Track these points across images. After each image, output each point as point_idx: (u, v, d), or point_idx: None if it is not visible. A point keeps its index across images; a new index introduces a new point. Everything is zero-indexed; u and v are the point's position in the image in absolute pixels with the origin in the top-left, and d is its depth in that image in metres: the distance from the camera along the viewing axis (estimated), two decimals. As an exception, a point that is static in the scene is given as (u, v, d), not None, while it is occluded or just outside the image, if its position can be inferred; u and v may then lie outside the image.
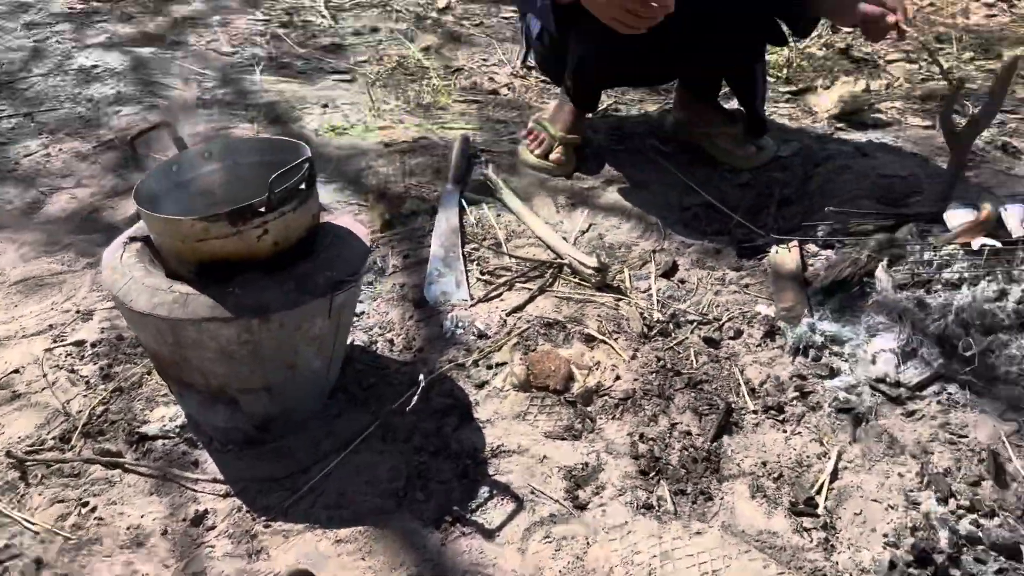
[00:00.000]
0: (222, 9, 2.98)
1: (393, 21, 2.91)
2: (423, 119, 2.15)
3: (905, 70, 2.41)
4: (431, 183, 1.86)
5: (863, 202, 1.66)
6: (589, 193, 1.86)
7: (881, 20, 1.55)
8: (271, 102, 2.23)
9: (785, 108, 2.21)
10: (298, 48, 2.64)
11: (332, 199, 1.78)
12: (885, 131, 2.04)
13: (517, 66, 2.53)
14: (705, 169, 1.95)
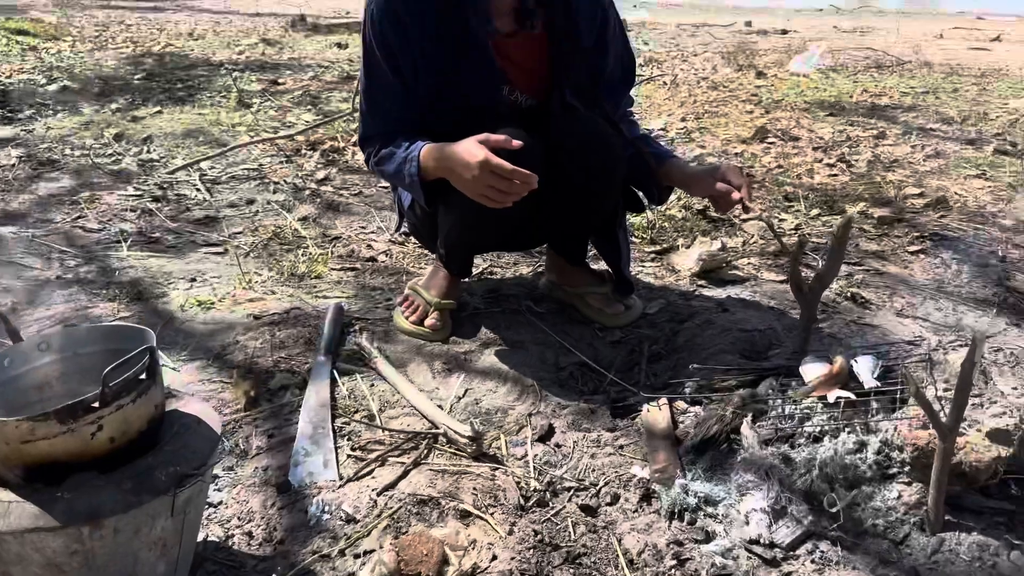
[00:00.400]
0: (91, 185, 2.94)
1: (271, 192, 2.93)
2: (296, 289, 2.13)
3: (759, 228, 2.57)
4: (302, 355, 1.81)
5: (726, 357, 1.71)
6: (465, 357, 1.85)
7: (727, 196, 1.67)
8: (136, 279, 2.17)
9: (650, 267, 2.30)
10: (169, 222, 2.61)
11: (195, 378, 1.70)
12: (743, 287, 2.14)
13: (394, 233, 2.56)
14: (578, 328, 1.98)
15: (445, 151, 1.60)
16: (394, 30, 1.67)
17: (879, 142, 3.65)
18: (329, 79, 5.30)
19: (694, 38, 8.76)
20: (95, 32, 7.96)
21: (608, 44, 1.82)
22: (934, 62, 6.34)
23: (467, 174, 1.54)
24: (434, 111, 1.75)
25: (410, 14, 1.67)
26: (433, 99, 1.74)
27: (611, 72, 1.86)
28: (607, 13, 1.80)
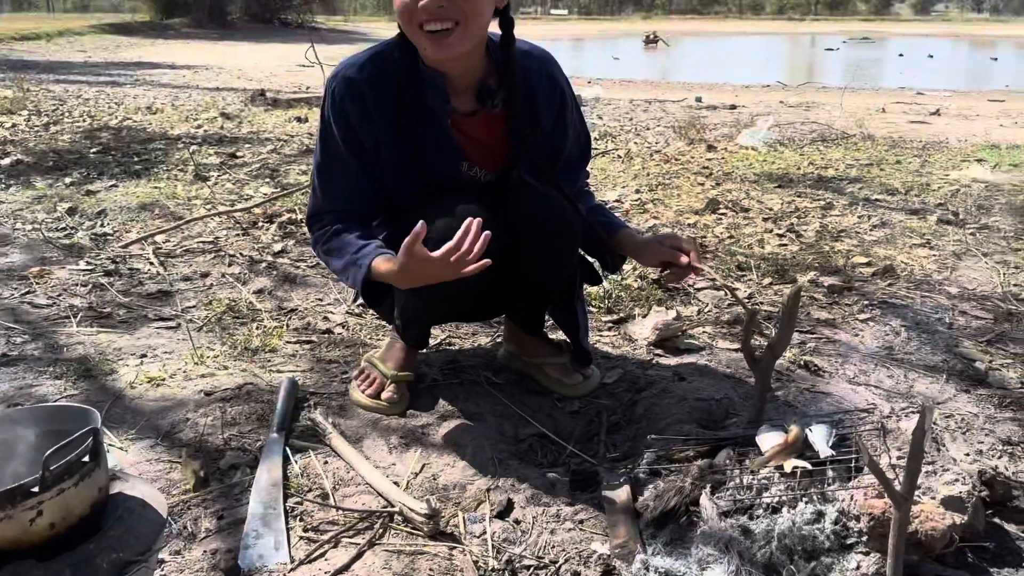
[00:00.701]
0: (42, 260, 2.89)
1: (226, 265, 2.91)
2: (250, 364, 2.10)
3: (713, 297, 2.61)
4: (254, 432, 1.77)
5: (684, 426, 1.71)
6: (423, 431, 1.82)
7: (676, 260, 1.71)
8: (84, 355, 2.12)
9: (608, 336, 2.32)
10: (121, 297, 2.56)
11: (142, 458, 1.65)
12: (699, 355, 2.16)
13: (351, 305, 2.55)
14: (537, 399, 1.98)
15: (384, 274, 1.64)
16: (356, 105, 1.70)
17: (827, 213, 3.75)
18: (288, 152, 5.32)
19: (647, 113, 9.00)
20: (52, 106, 7.94)
21: (567, 125, 1.87)
22: (877, 135, 6.58)
23: (410, 281, 1.60)
24: (394, 185, 1.77)
25: (372, 90, 1.70)
26: (393, 173, 1.76)
27: (569, 151, 1.91)
28: (565, 95, 1.85)
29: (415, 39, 1.62)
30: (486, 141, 1.81)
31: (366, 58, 1.73)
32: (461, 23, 1.58)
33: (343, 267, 1.74)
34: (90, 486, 1.00)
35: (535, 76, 1.80)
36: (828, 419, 1.59)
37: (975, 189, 4.28)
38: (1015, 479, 1.51)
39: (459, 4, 1.56)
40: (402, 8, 1.59)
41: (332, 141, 1.74)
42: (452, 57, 1.63)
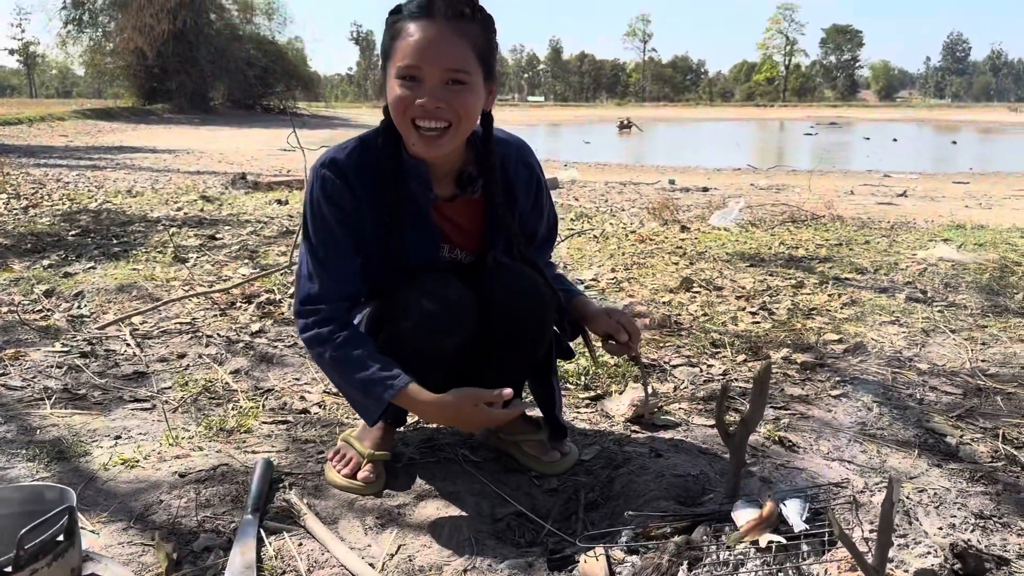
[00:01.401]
0: (17, 342, 2.88)
1: (203, 346, 2.91)
2: (225, 444, 2.09)
3: (688, 373, 2.64)
4: (228, 514, 1.75)
5: (661, 503, 1.72)
6: (399, 511, 1.81)
7: (617, 338, 1.85)
8: (58, 437, 2.10)
9: (585, 413, 2.33)
10: (97, 378, 2.55)
11: (115, 540, 1.63)
12: (675, 431, 2.18)
13: (330, 384, 2.55)
14: (515, 476, 1.97)
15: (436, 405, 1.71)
16: (344, 188, 1.74)
17: (798, 291, 3.83)
18: (268, 234, 5.37)
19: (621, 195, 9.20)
20: (31, 189, 7.98)
21: (542, 207, 1.96)
22: (846, 216, 6.76)
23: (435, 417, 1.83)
24: (375, 267, 1.81)
25: (357, 175, 1.75)
26: (375, 257, 1.80)
27: (541, 232, 2.00)
28: (540, 181, 1.94)
29: (405, 132, 1.67)
30: (466, 225, 1.87)
31: (352, 145, 1.78)
32: (453, 124, 1.65)
33: (364, 381, 1.71)
34: (63, 567, 0.99)
35: (512, 164, 1.87)
36: (802, 493, 1.61)
37: (942, 268, 4.39)
38: (987, 552, 1.53)
39: (455, 107, 1.62)
40: (397, 102, 1.63)
41: (323, 224, 1.75)
42: (437, 156, 1.70)
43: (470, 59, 1.63)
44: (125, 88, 39.72)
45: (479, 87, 1.66)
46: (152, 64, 34.96)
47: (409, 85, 1.62)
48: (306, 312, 1.77)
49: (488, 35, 1.67)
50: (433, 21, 1.60)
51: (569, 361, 2.60)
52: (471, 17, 1.63)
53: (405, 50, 1.61)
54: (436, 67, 1.60)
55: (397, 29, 1.63)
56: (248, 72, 37.66)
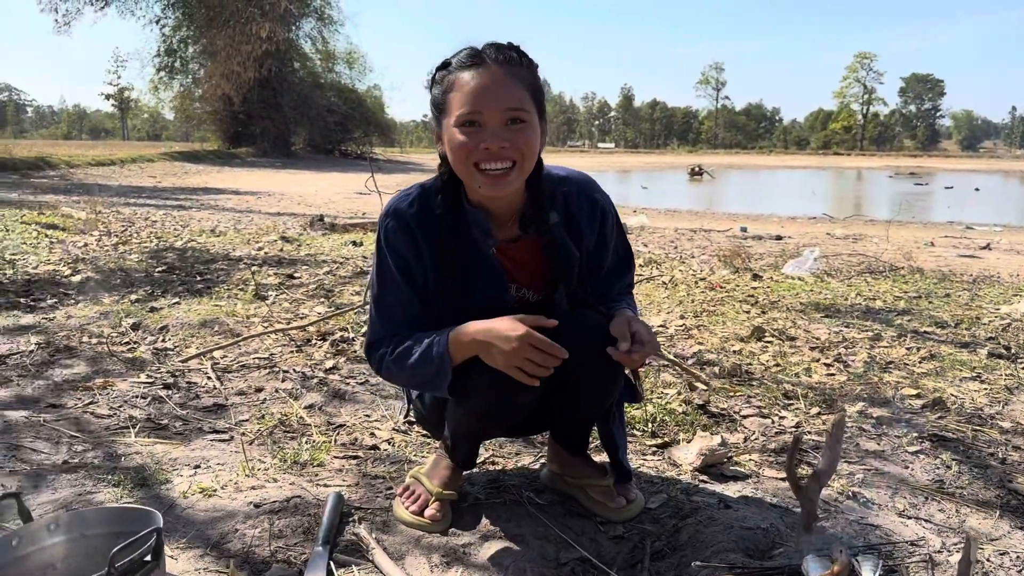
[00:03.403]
0: (105, 372, 3.01)
1: (280, 381, 3.00)
2: (298, 477, 2.14)
3: (759, 424, 2.60)
4: (300, 545, 1.80)
5: (730, 555, 1.69)
6: (464, 550, 1.83)
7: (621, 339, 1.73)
8: (141, 464, 2.19)
9: (652, 460, 2.31)
10: (178, 409, 2.65)
11: (191, 567, 1.68)
12: (745, 483, 2.14)
13: (400, 421, 2.60)
14: (580, 521, 1.97)
15: (481, 326, 1.69)
16: (406, 237, 1.80)
17: (875, 343, 3.74)
18: (343, 274, 5.52)
19: (692, 242, 9.14)
20: (121, 227, 8.37)
21: (608, 239, 1.96)
22: (926, 268, 6.58)
23: (506, 346, 1.64)
24: (442, 313, 1.85)
25: (419, 224, 1.81)
26: (441, 303, 1.85)
27: (609, 264, 1.99)
28: (606, 212, 1.94)
29: (468, 176, 1.72)
30: (530, 264, 1.89)
31: (415, 194, 1.85)
32: (517, 162, 1.69)
33: (420, 356, 1.76)
34: (149, 586, 1.04)
35: (575, 200, 1.89)
36: (875, 550, 1.57)
37: (1027, 323, 4.23)
38: (1075, 620, 1.46)
39: (518, 145, 1.67)
40: (459, 148, 1.69)
41: (387, 271, 1.83)
42: (506, 194, 1.75)
43: (526, 98, 1.68)
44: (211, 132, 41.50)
45: (537, 125, 1.72)
46: (238, 110, 36.44)
47: (470, 131, 1.67)
48: (373, 354, 1.87)
49: (535, 76, 1.73)
50: (486, 68, 1.67)
51: (636, 406, 2.60)
52: (519, 61, 1.70)
53: (463, 98, 1.66)
54: (496, 109, 1.65)
55: (450, 82, 1.70)
56: (328, 118, 38.91)
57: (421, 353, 1.77)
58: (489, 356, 1.68)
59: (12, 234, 7.18)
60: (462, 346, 1.72)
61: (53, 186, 16.91)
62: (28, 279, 4.97)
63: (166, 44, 38.52)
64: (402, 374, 1.83)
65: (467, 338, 1.71)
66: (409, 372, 1.80)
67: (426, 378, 1.80)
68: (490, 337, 1.67)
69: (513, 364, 1.64)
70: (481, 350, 1.70)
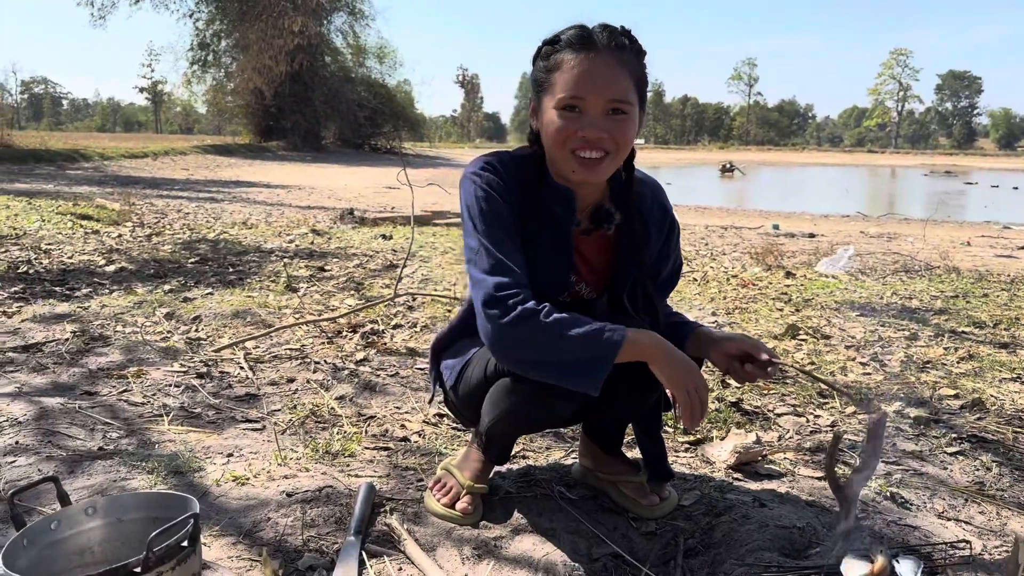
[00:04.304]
0: (139, 361, 3.04)
1: (311, 372, 3.01)
2: (330, 467, 2.14)
3: (794, 423, 2.56)
4: (332, 535, 1.80)
5: (765, 554, 1.67)
6: (496, 543, 1.82)
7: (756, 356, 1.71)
8: (175, 452, 2.20)
9: (684, 457, 2.29)
10: (211, 398, 2.67)
11: (224, 554, 1.69)
12: (780, 481, 2.11)
13: (429, 412, 2.60)
14: (612, 517, 1.95)
15: (668, 344, 1.62)
16: (502, 183, 1.72)
17: (912, 343, 3.68)
18: (372, 267, 5.53)
19: (723, 239, 9.07)
20: (155, 219, 8.47)
21: (671, 249, 1.92)
22: (962, 268, 6.47)
23: (686, 376, 1.59)
24: None
25: (505, 185, 1.73)
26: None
27: (665, 275, 1.95)
28: (674, 222, 1.91)
29: (563, 161, 1.67)
30: (595, 261, 1.85)
31: (504, 157, 1.77)
32: (612, 153, 1.65)
33: (591, 331, 1.57)
34: (186, 571, 1.04)
35: (648, 203, 1.85)
36: (915, 551, 1.53)
37: (1069, 324, 4.14)
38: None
39: (615, 136, 1.63)
40: (557, 132, 1.64)
41: (496, 215, 1.69)
42: (597, 181, 1.71)
43: (630, 89, 1.63)
44: (243, 126, 41.86)
45: (636, 117, 1.66)
46: (269, 104, 36.74)
47: (570, 116, 1.62)
48: (503, 297, 1.60)
49: (643, 66, 1.67)
50: (596, 52, 1.60)
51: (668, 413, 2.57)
52: (629, 48, 1.63)
53: (567, 81, 1.61)
54: (600, 97, 1.61)
55: (556, 61, 1.63)
56: (359, 113, 39.10)
57: (592, 330, 1.56)
58: (666, 367, 1.60)
59: (48, 224, 7.29)
60: (638, 346, 1.59)
61: (88, 177, 17.17)
62: (63, 268, 5.04)
63: (199, 38, 38.96)
64: (549, 339, 1.57)
65: (651, 341, 1.60)
66: (566, 341, 1.56)
67: (582, 357, 1.58)
68: (674, 357, 1.60)
69: (680, 386, 1.58)
70: (654, 360, 1.60)
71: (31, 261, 5.24)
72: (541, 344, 1.58)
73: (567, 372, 1.59)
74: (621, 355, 1.57)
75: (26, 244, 5.98)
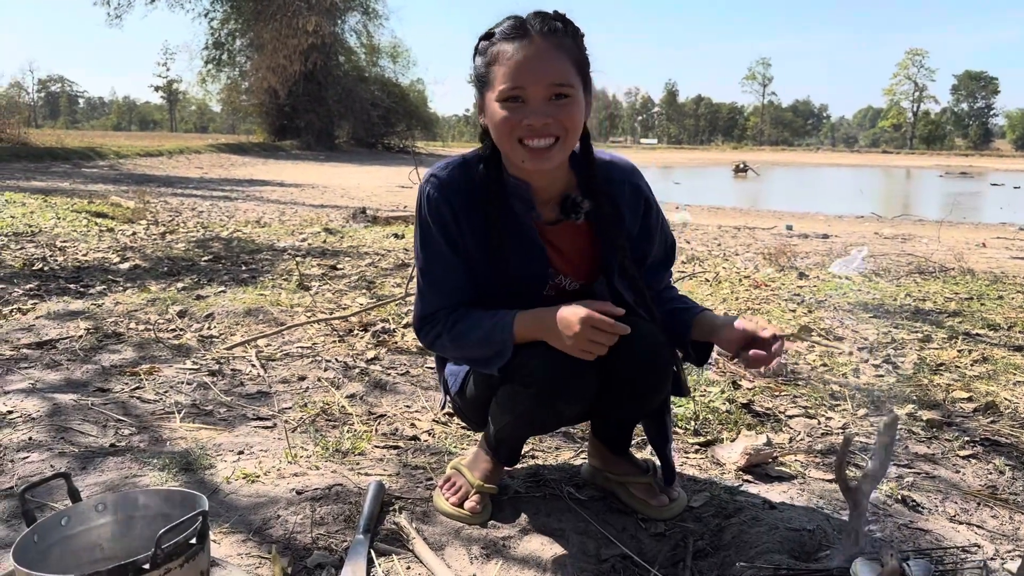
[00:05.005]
0: (152, 358, 3.06)
1: (322, 370, 3.02)
2: (340, 465, 2.15)
3: (805, 425, 2.55)
4: (341, 533, 1.80)
5: (775, 556, 1.66)
6: (504, 543, 1.82)
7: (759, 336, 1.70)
8: (186, 449, 2.21)
9: (694, 459, 2.28)
10: (223, 396, 2.69)
11: (233, 551, 1.70)
12: (790, 484, 2.10)
13: (439, 413, 2.60)
14: (621, 518, 1.95)
15: (544, 312, 1.68)
16: (448, 206, 1.76)
17: (925, 345, 3.65)
18: (384, 266, 5.54)
19: (735, 239, 9.04)
20: (169, 217, 8.51)
21: (652, 230, 1.90)
22: (977, 269, 6.42)
23: (569, 330, 1.62)
24: (486, 289, 1.82)
25: (458, 195, 1.76)
26: (484, 277, 1.81)
27: (654, 255, 1.94)
28: (649, 201, 1.89)
29: (511, 152, 1.68)
30: (570, 251, 1.84)
31: (455, 162, 1.81)
32: (561, 138, 1.65)
33: (483, 335, 1.75)
34: (194, 568, 1.05)
35: (618, 186, 1.84)
36: (926, 555, 1.52)
37: (1084, 327, 4.10)
38: None
39: (561, 121, 1.63)
40: (502, 123, 1.65)
41: (432, 241, 1.79)
42: (549, 169, 1.70)
43: (571, 72, 1.63)
44: (257, 124, 42.09)
45: (581, 99, 1.66)
46: (283, 103, 36.91)
47: (513, 107, 1.63)
48: (424, 329, 1.85)
49: (581, 47, 1.68)
50: (530, 40, 1.61)
51: (681, 402, 2.57)
52: (564, 31, 1.64)
53: (506, 72, 1.62)
54: (540, 84, 1.61)
55: (493, 54, 1.64)
56: (372, 112, 39.23)
57: (484, 333, 1.74)
58: (557, 339, 1.66)
59: (63, 222, 7.34)
60: (526, 329, 1.71)
61: (103, 175, 17.29)
62: (78, 266, 5.08)
63: (214, 37, 39.18)
64: (459, 351, 1.83)
65: (532, 322, 1.70)
66: (468, 350, 1.80)
67: (484, 357, 1.77)
68: (550, 324, 1.66)
69: (579, 346, 1.62)
70: (546, 334, 1.68)
71: (46, 258, 5.28)
72: (455, 351, 1.86)
73: (482, 365, 1.80)
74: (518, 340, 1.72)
75: (41, 241, 6.03)
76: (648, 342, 1.76)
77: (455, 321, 1.79)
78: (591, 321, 1.59)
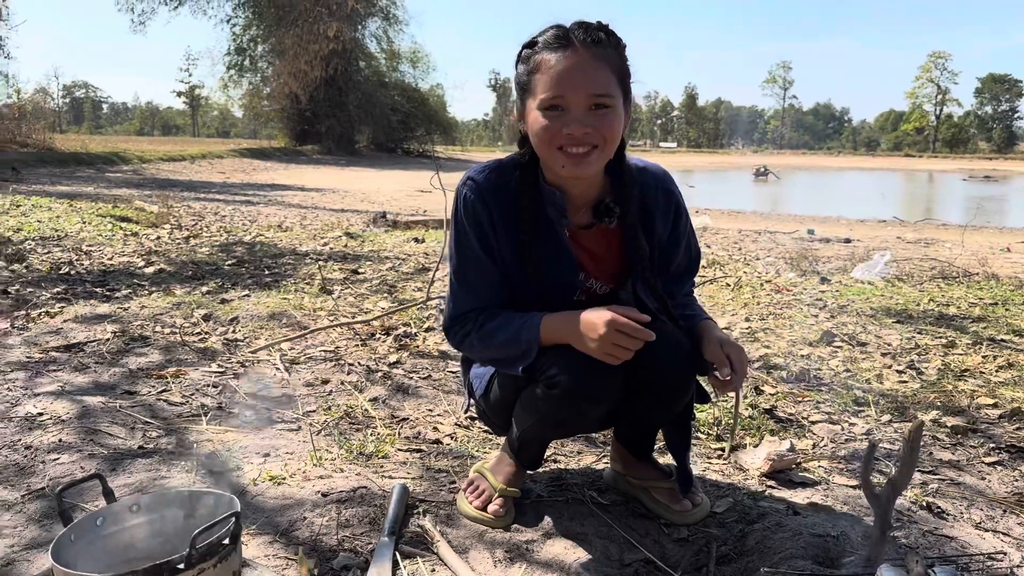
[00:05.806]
0: (178, 361, 3.10)
1: (345, 374, 3.04)
2: (364, 468, 2.17)
3: (829, 430, 2.54)
4: (366, 535, 1.82)
5: (798, 562, 1.66)
6: (527, 547, 1.83)
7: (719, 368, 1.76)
8: (213, 452, 2.24)
9: (717, 465, 2.28)
10: (248, 399, 2.71)
11: (260, 552, 1.72)
12: (814, 489, 2.10)
13: (462, 417, 2.62)
14: (644, 522, 1.96)
15: (570, 315, 1.71)
16: (484, 208, 1.79)
17: (949, 351, 3.62)
18: (405, 270, 5.57)
19: (756, 243, 9.00)
20: (192, 221, 8.60)
21: (680, 237, 1.93)
22: (1002, 274, 6.35)
23: (594, 333, 1.64)
24: (518, 291, 1.85)
25: (494, 197, 1.79)
26: (517, 280, 1.84)
27: (678, 263, 1.96)
28: (680, 208, 1.91)
29: (550, 157, 1.71)
30: (602, 255, 1.86)
31: (491, 166, 1.83)
32: (599, 146, 1.68)
33: (510, 336, 1.77)
34: (227, 568, 1.07)
35: (651, 191, 1.86)
36: (953, 562, 1.52)
37: (1112, 333, 4.05)
38: None
39: (601, 131, 1.66)
40: (543, 132, 1.67)
41: (467, 243, 1.81)
42: (587, 175, 1.73)
43: (612, 82, 1.65)
44: (278, 130, 42.37)
45: (621, 109, 1.69)
46: (304, 108, 37.17)
47: (554, 115, 1.65)
48: (454, 329, 1.87)
49: (623, 58, 1.70)
50: (574, 50, 1.63)
51: (703, 408, 2.57)
52: (607, 42, 1.66)
53: (548, 81, 1.64)
54: (581, 94, 1.63)
55: (535, 62, 1.67)
56: (392, 117, 39.42)
57: (511, 334, 1.77)
58: (581, 342, 1.68)
59: (89, 226, 7.44)
60: (553, 332, 1.73)
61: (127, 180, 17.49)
62: (103, 269, 5.15)
63: (236, 43, 39.52)
64: (486, 351, 1.85)
65: (558, 324, 1.72)
66: (494, 350, 1.82)
67: (510, 357, 1.79)
68: (575, 327, 1.68)
69: (603, 349, 1.64)
70: (572, 337, 1.70)
71: (72, 262, 5.36)
72: (482, 351, 1.87)
73: (507, 365, 1.82)
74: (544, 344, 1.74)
75: (68, 245, 6.11)
76: (673, 347, 1.77)
77: (484, 321, 1.82)
78: (616, 324, 1.61)
